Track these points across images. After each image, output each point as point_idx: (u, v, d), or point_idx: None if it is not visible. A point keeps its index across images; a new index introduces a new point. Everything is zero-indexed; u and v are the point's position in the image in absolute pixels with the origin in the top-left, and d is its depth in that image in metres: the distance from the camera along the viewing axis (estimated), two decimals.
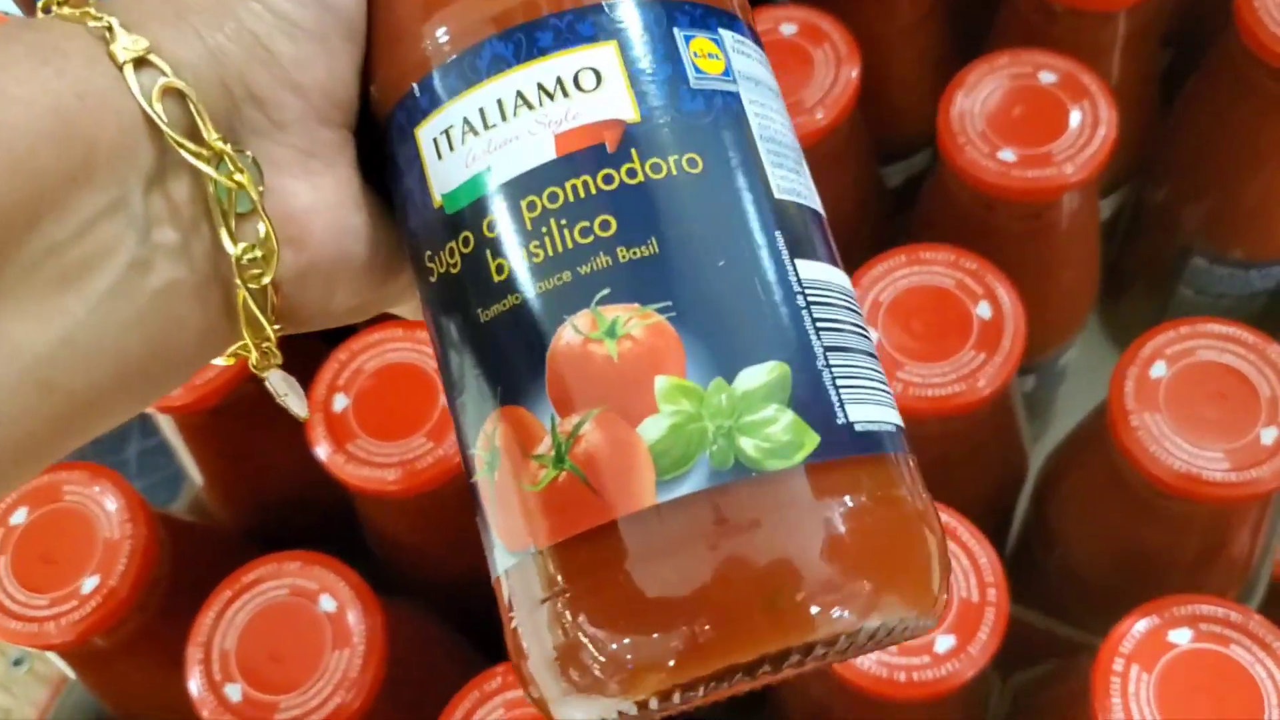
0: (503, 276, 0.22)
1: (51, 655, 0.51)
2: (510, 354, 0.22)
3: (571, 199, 0.22)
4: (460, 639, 0.51)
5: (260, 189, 0.23)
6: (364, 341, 0.47)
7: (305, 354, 0.49)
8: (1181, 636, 0.40)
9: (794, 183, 0.23)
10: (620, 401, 0.21)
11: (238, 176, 0.22)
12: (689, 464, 0.21)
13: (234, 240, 0.22)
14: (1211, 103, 0.55)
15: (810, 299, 0.22)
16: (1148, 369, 0.44)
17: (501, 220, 0.22)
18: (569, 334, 0.21)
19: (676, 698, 0.21)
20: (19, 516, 0.46)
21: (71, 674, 0.51)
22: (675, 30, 0.23)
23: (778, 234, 0.22)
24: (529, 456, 0.22)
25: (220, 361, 0.25)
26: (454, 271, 0.23)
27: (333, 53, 0.24)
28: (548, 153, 0.22)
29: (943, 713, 0.45)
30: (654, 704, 0.22)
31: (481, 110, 0.22)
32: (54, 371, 0.21)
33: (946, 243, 0.47)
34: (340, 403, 0.46)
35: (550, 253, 0.22)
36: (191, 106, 0.22)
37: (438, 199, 0.23)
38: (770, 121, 0.24)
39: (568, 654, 0.21)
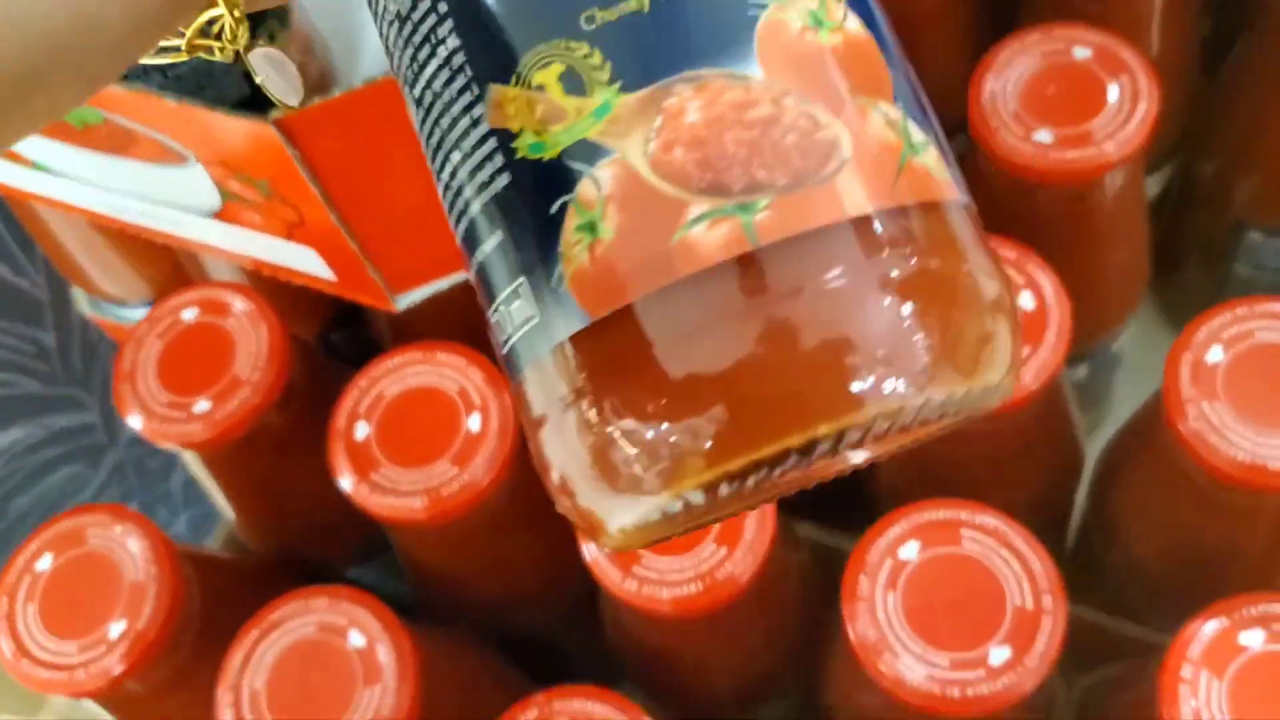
0: None
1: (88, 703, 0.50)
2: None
3: None
4: (498, 664, 0.49)
5: None
6: (384, 367, 0.46)
7: (337, 380, 0.48)
8: (1253, 639, 0.37)
9: None
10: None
11: None
12: None
13: None
14: (1261, 69, 0.52)
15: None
16: (1204, 354, 0.41)
17: None
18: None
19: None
20: (44, 563, 0.45)
21: None
22: None
23: None
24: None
25: (181, 56, 0.23)
26: None
27: None
28: None
29: None
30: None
31: None
32: None
33: (985, 232, 0.45)
34: (362, 431, 0.45)
35: None
36: None
37: None
38: None
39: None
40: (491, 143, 0.19)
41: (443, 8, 0.20)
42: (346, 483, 0.44)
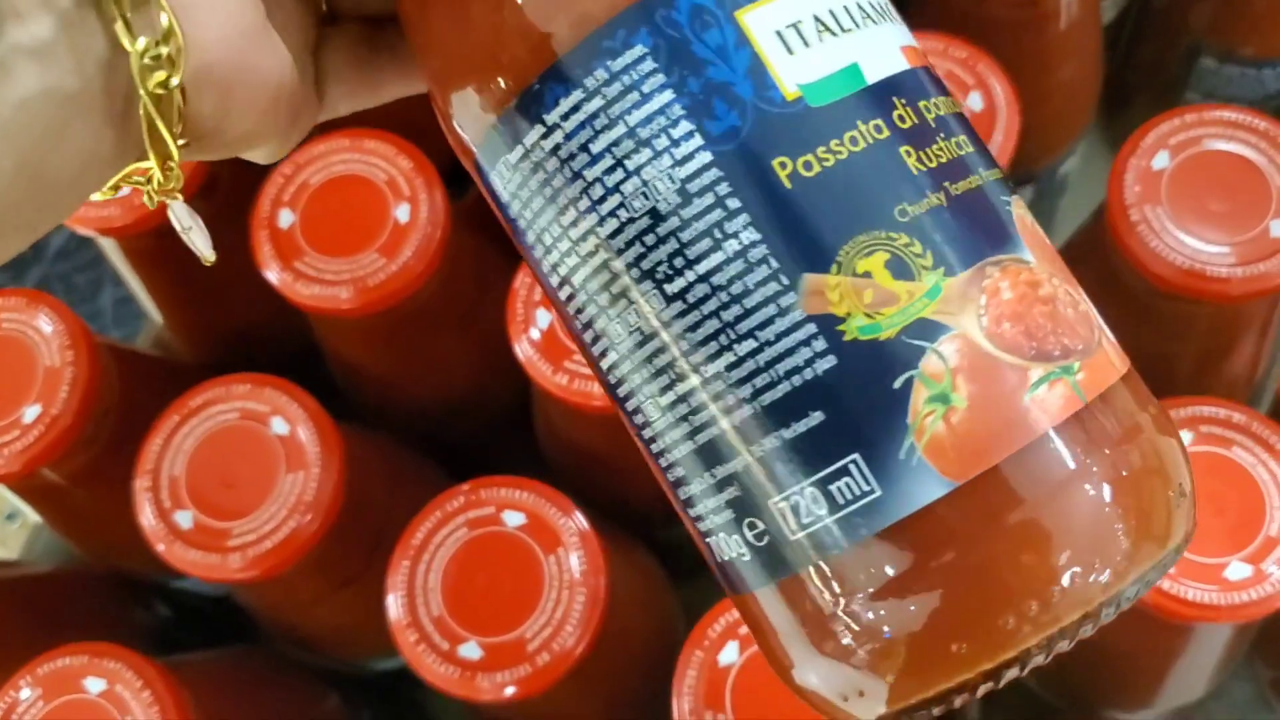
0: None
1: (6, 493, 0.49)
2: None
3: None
4: (424, 463, 0.49)
5: None
6: (309, 154, 0.44)
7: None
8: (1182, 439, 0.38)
9: None
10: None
11: None
12: None
13: (132, 35, 0.19)
14: None
15: None
16: (1150, 160, 0.41)
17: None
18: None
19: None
20: None
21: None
22: None
23: None
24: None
25: (101, 196, 0.22)
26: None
27: None
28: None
29: None
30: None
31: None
32: None
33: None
34: (286, 219, 0.43)
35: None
36: None
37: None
38: None
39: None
40: (810, 328, 0.20)
41: (733, 204, 0.20)
42: (271, 271, 0.43)
